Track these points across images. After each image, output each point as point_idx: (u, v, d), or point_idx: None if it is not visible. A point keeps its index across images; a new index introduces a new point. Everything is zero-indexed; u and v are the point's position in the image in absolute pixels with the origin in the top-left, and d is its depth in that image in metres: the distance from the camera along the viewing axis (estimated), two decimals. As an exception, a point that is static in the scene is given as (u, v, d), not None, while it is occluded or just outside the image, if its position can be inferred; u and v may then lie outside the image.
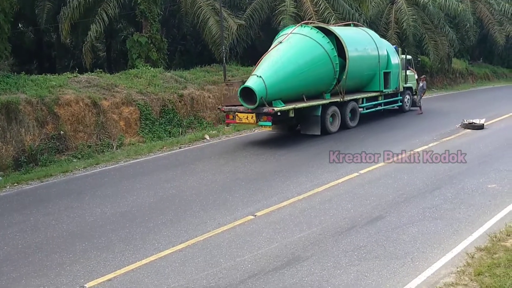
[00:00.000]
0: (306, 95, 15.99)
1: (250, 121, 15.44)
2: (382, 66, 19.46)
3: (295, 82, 15.61)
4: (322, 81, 16.73)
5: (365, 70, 18.71)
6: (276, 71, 15.24)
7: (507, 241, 7.05)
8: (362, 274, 6.38)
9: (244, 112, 15.31)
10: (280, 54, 15.97)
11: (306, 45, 16.46)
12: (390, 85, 19.87)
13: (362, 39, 19.23)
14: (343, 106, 17.53)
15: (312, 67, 16.13)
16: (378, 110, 20.20)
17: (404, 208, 8.80)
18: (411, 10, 31.35)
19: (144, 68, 20.23)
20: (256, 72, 15.18)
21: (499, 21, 39.84)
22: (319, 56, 16.43)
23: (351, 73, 17.42)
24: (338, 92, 17.17)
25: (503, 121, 18.06)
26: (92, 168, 13.68)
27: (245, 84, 14.89)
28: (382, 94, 19.77)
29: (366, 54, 18.75)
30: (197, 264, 6.93)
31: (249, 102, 14.77)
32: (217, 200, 9.81)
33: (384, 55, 19.64)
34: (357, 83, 18.69)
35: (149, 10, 21.77)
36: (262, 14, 27.28)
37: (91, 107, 16.10)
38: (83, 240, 8.07)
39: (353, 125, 17.99)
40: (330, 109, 16.88)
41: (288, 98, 15.52)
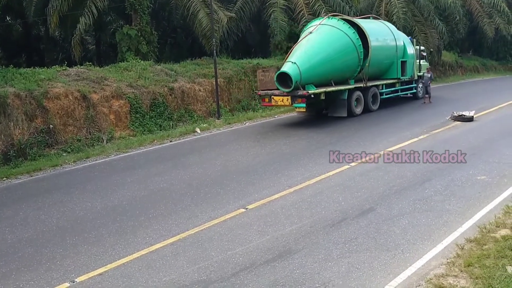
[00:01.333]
0: (334, 80, 17.78)
1: (285, 103, 17.10)
2: (399, 55, 21.29)
3: (325, 68, 17.28)
4: (348, 68, 18.50)
5: (384, 59, 20.50)
6: (309, 58, 16.88)
7: (496, 232, 7.10)
8: (353, 266, 6.40)
9: (280, 95, 16.90)
10: (312, 43, 17.62)
11: (334, 35, 18.21)
12: (406, 73, 21.68)
13: (382, 30, 21.09)
14: (366, 91, 19.37)
15: (340, 55, 17.92)
16: (396, 96, 22.01)
17: (395, 200, 8.84)
18: (402, 3, 31.35)
19: (134, 61, 20.10)
20: (291, 59, 16.82)
21: (489, 14, 40.00)
22: (346, 45, 18.25)
23: (373, 61, 19.30)
24: (361, 79, 19.07)
25: (492, 113, 18.17)
26: (82, 162, 13.60)
27: (282, 69, 16.53)
28: (399, 81, 21.69)
29: (386, 44, 20.59)
30: (188, 257, 6.92)
31: (284, 86, 16.37)
32: (208, 194, 9.79)
33: (401, 45, 21.46)
34: (377, 71, 20.44)
35: (139, 2, 21.58)
36: (252, 7, 27.21)
37: (81, 101, 15.98)
38: (73, 235, 8.03)
39: (375, 109, 19.91)
40: (355, 94, 18.72)
41: (318, 82, 17.14)
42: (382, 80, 20.88)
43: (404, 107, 21.11)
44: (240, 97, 22.36)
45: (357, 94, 18.82)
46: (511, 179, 9.79)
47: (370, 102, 19.65)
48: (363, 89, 19.12)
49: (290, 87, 16.24)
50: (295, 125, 17.66)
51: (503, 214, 7.82)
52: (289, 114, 20.62)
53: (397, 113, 19.56)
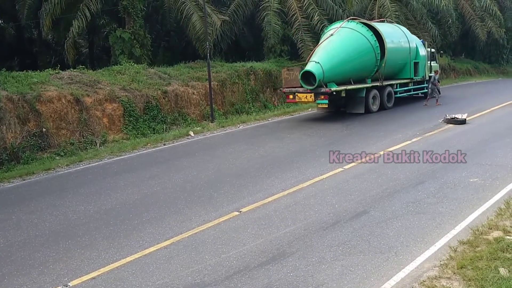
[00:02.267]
0: (353, 79, 19.21)
1: (309, 100, 18.65)
2: (412, 57, 22.71)
3: (345, 68, 18.69)
4: (366, 68, 19.94)
5: (399, 60, 21.92)
6: (331, 58, 18.24)
7: (489, 235, 7.14)
8: (347, 268, 6.41)
9: (304, 92, 18.29)
10: (333, 44, 19.02)
11: (354, 37, 19.61)
12: (418, 73, 23.15)
13: (396, 33, 22.53)
14: (382, 90, 20.82)
15: (359, 55, 19.37)
16: (408, 95, 23.58)
17: (388, 203, 8.87)
18: (394, 6, 31.53)
19: (127, 64, 20.06)
20: (314, 58, 18.20)
21: (481, 17, 40.30)
22: (364, 46, 19.65)
23: (388, 62, 20.63)
24: (378, 78, 20.49)
25: (485, 116, 18.28)
26: (75, 165, 13.54)
27: (306, 68, 17.95)
28: (412, 81, 23.18)
29: (400, 46, 21.98)
30: (182, 261, 6.90)
31: (307, 84, 17.84)
32: (202, 197, 9.78)
33: (414, 47, 22.87)
34: (392, 71, 21.84)
35: (132, 5, 21.58)
36: (246, 10, 27.28)
37: (74, 104, 15.93)
38: (66, 239, 7.99)
39: (390, 106, 21.29)
40: (372, 92, 20.17)
41: (339, 81, 18.49)
42: (396, 80, 22.34)
43: (398, 109, 21.17)
44: (234, 100, 22.37)
45: (374, 92, 20.24)
46: (503, 181, 9.85)
47: (386, 100, 21.02)
48: (379, 87, 20.55)
49: (313, 85, 17.69)
50: (288, 128, 17.68)
51: (496, 216, 7.86)
52: (283, 117, 20.68)
53: (390, 115, 19.61)
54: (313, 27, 26.31)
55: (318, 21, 26.12)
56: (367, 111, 19.74)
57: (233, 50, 29.31)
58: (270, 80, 24.81)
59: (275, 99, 24.96)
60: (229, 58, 26.71)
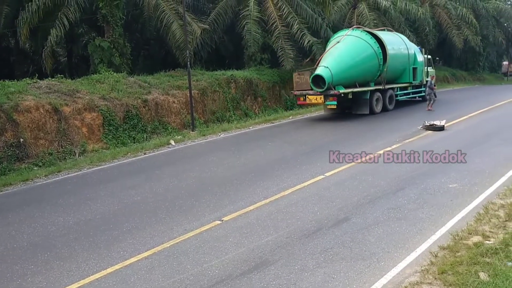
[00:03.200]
0: (358, 83, 20.98)
1: (318, 101, 20.43)
2: (411, 63, 24.58)
3: (351, 72, 20.52)
4: (370, 72, 21.72)
5: (399, 65, 23.64)
6: (338, 63, 20.09)
7: (468, 240, 7.22)
8: (329, 276, 6.42)
9: (314, 94, 20.12)
10: (340, 50, 20.83)
11: (359, 44, 21.49)
12: (417, 78, 24.98)
13: (397, 41, 24.33)
14: (384, 92, 22.54)
15: (364, 61, 21.22)
16: (408, 98, 25.40)
17: (369, 209, 8.92)
18: (373, 15, 31.95)
19: (106, 73, 19.92)
20: (323, 64, 20.04)
21: (457, 25, 41.06)
22: (369, 53, 21.50)
23: (390, 67, 22.42)
24: (380, 82, 22.26)
25: (463, 123, 18.55)
26: (53, 176, 13.35)
27: (316, 72, 19.78)
28: (411, 85, 24.97)
29: (400, 53, 23.70)
30: (163, 271, 6.83)
31: (317, 87, 19.70)
32: (183, 206, 9.72)
33: (412, 53, 24.73)
34: (393, 75, 23.61)
35: (111, 14, 21.45)
36: (226, 19, 27.35)
37: (52, 114, 15.74)
38: (45, 251, 7.85)
39: (391, 108, 23.03)
40: (375, 95, 21.92)
41: (346, 84, 20.33)
42: (397, 84, 24.13)
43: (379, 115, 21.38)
44: (214, 109, 22.36)
45: (377, 95, 21.99)
46: (481, 186, 9.98)
47: (387, 102, 22.74)
48: (382, 90, 22.33)
49: (322, 88, 19.53)
50: (269, 136, 17.71)
51: (475, 221, 7.96)
52: (264, 125, 20.72)
53: (370, 123, 19.80)
54: (293, 35, 26.49)
55: (298, 30, 26.31)
56: (371, 112, 21.49)
57: (214, 59, 29.32)
58: (251, 88, 24.89)
59: (256, 107, 25.03)
60: (209, 67, 26.70)
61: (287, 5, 26.66)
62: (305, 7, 27.46)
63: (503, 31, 52.15)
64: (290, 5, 26.80)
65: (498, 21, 51.22)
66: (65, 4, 21.15)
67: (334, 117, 22.11)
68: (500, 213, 8.27)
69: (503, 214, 8.17)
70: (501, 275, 5.83)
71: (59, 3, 21.01)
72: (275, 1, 26.84)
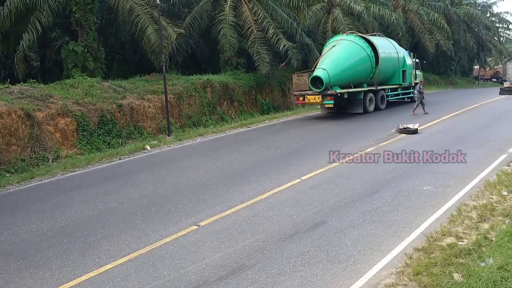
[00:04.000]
0: (352, 84, 22.53)
1: (317, 101, 22.00)
2: (401, 65, 26.39)
3: (347, 74, 22.16)
4: (363, 74, 23.37)
5: (390, 68, 25.47)
6: (335, 66, 21.74)
7: (442, 241, 7.34)
8: (306, 279, 6.44)
9: (312, 94, 21.72)
10: (336, 54, 22.50)
11: (353, 48, 23.17)
12: (406, 80, 26.93)
13: (387, 45, 26.20)
14: (376, 93, 24.28)
15: (358, 63, 22.87)
16: (398, 99, 27.28)
17: (345, 212, 8.99)
18: (347, 20, 32.31)
19: (80, 78, 19.65)
20: (320, 66, 21.76)
21: (429, 30, 41.82)
22: (362, 56, 23.14)
23: (381, 69, 24.08)
24: (373, 83, 23.89)
25: (435, 126, 18.88)
26: (26, 182, 13.09)
27: (315, 73, 21.45)
28: (400, 87, 26.78)
29: (390, 56, 25.48)
30: (139, 277, 6.76)
31: (315, 87, 21.33)
32: (159, 212, 9.64)
33: (401, 57, 26.57)
34: (384, 77, 25.33)
35: (85, 18, 21.19)
36: (201, 23, 27.28)
37: (25, 119, 15.43)
38: (17, 259, 7.68)
39: (383, 107, 24.86)
40: (369, 95, 23.64)
41: (341, 85, 21.89)
42: (388, 85, 25.97)
43: (353, 119, 21.60)
44: (190, 113, 22.27)
45: (370, 95, 23.71)
46: (454, 188, 10.17)
47: (379, 102, 24.51)
48: (374, 91, 24.01)
49: (320, 88, 21.13)
50: (246, 140, 17.71)
51: (448, 222, 8.10)
52: (240, 129, 20.71)
53: (345, 126, 20.00)
54: (268, 39, 26.59)
55: (273, 34, 26.42)
56: (365, 111, 23.13)
57: (189, 63, 29.20)
58: (227, 93, 24.88)
59: (232, 111, 25.02)
60: (185, 71, 26.57)
61: (263, 10, 26.77)
62: (280, 11, 27.60)
63: (474, 36, 53.33)
64: (265, 10, 26.91)
65: (469, 26, 52.37)
66: (37, 8, 20.74)
67: (310, 120, 22.33)
68: (473, 214, 8.43)
69: (475, 216, 8.34)
70: (474, 275, 5.94)
71: (32, 7, 20.63)
72: (250, 5, 26.94)
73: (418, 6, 42.96)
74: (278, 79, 29.35)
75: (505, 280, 5.72)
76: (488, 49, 59.62)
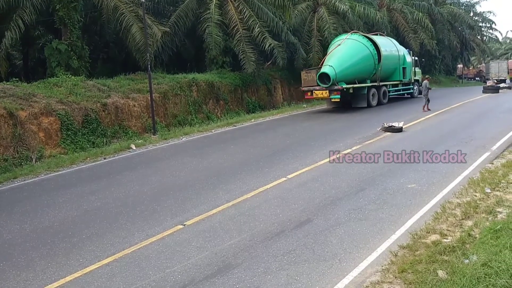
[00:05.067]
0: (357, 80, 24.61)
1: (324, 95, 23.94)
2: (401, 63, 28.47)
3: (351, 70, 24.11)
4: (366, 70, 25.37)
5: (391, 65, 27.45)
6: (341, 63, 23.70)
7: (427, 238, 7.38)
8: (292, 278, 6.44)
9: (320, 89, 23.67)
10: (342, 52, 24.44)
11: (358, 46, 25.23)
12: (406, 76, 29.16)
13: (389, 43, 28.30)
14: (379, 89, 26.37)
15: (362, 60, 24.84)
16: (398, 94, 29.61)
17: (331, 211, 9.02)
18: (332, 19, 32.38)
19: (64, 77, 19.47)
20: (327, 63, 23.73)
21: (414, 29, 42.13)
22: (365, 53, 25.17)
23: (383, 66, 26.12)
24: (375, 79, 25.94)
25: (420, 124, 19.02)
26: (9, 182, 12.93)
27: (322, 70, 23.43)
28: (401, 83, 29.01)
29: (392, 54, 27.44)
30: (125, 278, 6.70)
31: (322, 83, 23.30)
32: (144, 211, 9.57)
33: (402, 55, 28.67)
34: (386, 74, 27.24)
35: (69, 16, 20.99)
36: (187, 22, 27.20)
37: (7, 118, 15.25)
38: (0, 260, 7.58)
39: (385, 102, 26.83)
40: (372, 90, 25.67)
41: (346, 81, 23.82)
42: (389, 81, 27.88)
43: (339, 117, 21.69)
44: (176, 112, 22.18)
45: (373, 90, 25.67)
46: (439, 186, 10.25)
47: (382, 97, 26.50)
48: (377, 87, 26.04)
49: (327, 84, 23.03)
50: (232, 139, 17.70)
51: (433, 220, 8.15)
52: (226, 128, 20.69)
53: (331, 124, 20.07)
54: (254, 38, 26.59)
55: (259, 33, 26.43)
56: (368, 105, 25.11)
57: (175, 62, 29.08)
58: (213, 92, 24.83)
59: (218, 110, 24.97)
60: (170, 70, 26.47)
61: (248, 9, 26.74)
62: (266, 10, 27.61)
63: (458, 35, 53.90)
64: (251, 9, 26.89)
65: (453, 25, 52.90)
66: (20, 6, 20.49)
67: (296, 119, 22.36)
68: (457, 211, 8.50)
69: (459, 213, 8.40)
70: (458, 272, 5.98)
71: (14, 5, 20.37)
72: (236, 4, 26.89)
73: (402, 5, 43.25)
74: (264, 78, 29.38)
75: (488, 276, 5.76)
76: (471, 48, 60.34)
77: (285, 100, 31.42)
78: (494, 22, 63.03)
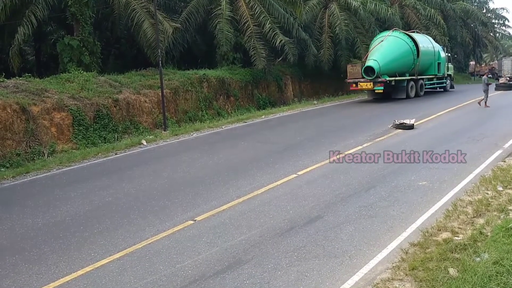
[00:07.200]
0: (397, 73, 27.26)
1: (368, 87, 26.83)
2: (436, 58, 31.23)
3: (393, 65, 26.89)
4: (406, 65, 28.12)
5: (427, 60, 30.15)
6: (384, 57, 26.48)
7: (438, 236, 7.35)
8: (302, 274, 6.45)
9: (365, 81, 26.49)
10: (384, 48, 27.23)
11: (399, 43, 27.95)
12: (440, 71, 31.97)
13: (425, 40, 30.84)
14: (417, 82, 29.04)
15: (402, 55, 27.54)
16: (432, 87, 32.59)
17: (341, 208, 9.00)
18: (344, 15, 32.23)
19: (76, 72, 19.58)
20: (371, 57, 26.63)
21: (426, 26, 41.73)
22: (406, 50, 27.91)
23: (421, 61, 28.84)
24: (413, 73, 28.56)
25: (431, 121, 18.90)
26: (21, 177, 13.05)
27: (367, 64, 26.30)
28: (436, 77, 31.85)
29: (428, 50, 30.11)
30: (135, 272, 6.75)
31: (367, 76, 26.14)
32: (155, 206, 9.62)
33: (437, 51, 31.46)
34: (422, 68, 29.92)
35: (81, 12, 21.11)
36: (198, 18, 27.21)
37: (20, 113, 15.38)
38: (13, 253, 7.66)
39: (422, 94, 29.60)
40: (410, 83, 28.42)
41: (388, 74, 26.58)
42: (425, 75, 30.54)
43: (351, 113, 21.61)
44: (187, 108, 22.23)
45: (411, 83, 28.42)
46: (450, 184, 10.19)
47: (419, 90, 29.19)
48: (415, 80, 28.74)
49: (371, 77, 25.91)
50: (242, 135, 17.71)
51: (444, 218, 8.11)
52: (236, 124, 20.70)
53: (341, 121, 20.00)
54: (265, 35, 26.54)
55: (270, 29, 26.38)
56: (407, 97, 27.64)
57: (186, 58, 29.12)
58: (223, 88, 24.85)
59: (228, 106, 24.99)
60: (181, 66, 26.50)
61: (259, 5, 26.69)
62: (277, 6, 27.54)
63: (470, 32, 53.32)
64: (262, 5, 26.84)
65: (465, 22, 52.34)
66: (33, 2, 20.65)
67: (307, 115, 22.29)
68: (468, 209, 8.45)
69: (471, 211, 8.36)
70: (469, 270, 5.95)
71: (27, 1, 20.54)
72: (247, 0, 26.83)
73: (414, 1, 42.85)
74: (274, 74, 29.33)
75: (500, 274, 5.74)
76: (484, 45, 59.64)
77: (296, 97, 31.37)
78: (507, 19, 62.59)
